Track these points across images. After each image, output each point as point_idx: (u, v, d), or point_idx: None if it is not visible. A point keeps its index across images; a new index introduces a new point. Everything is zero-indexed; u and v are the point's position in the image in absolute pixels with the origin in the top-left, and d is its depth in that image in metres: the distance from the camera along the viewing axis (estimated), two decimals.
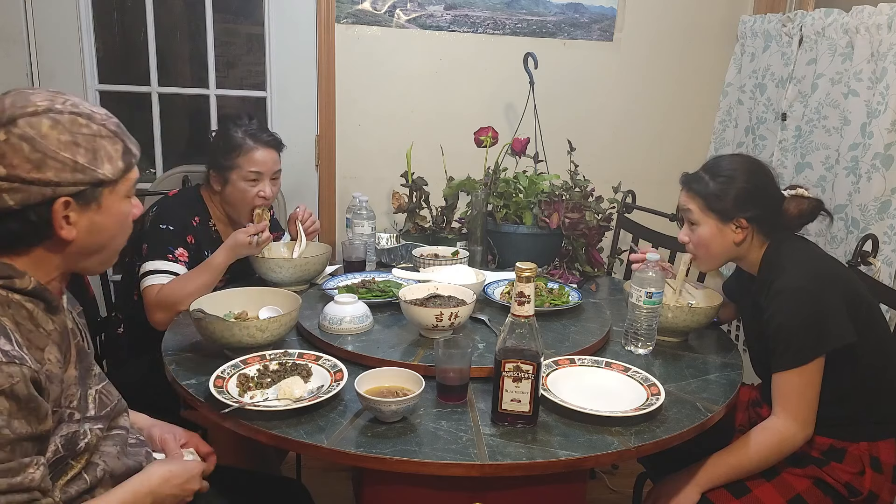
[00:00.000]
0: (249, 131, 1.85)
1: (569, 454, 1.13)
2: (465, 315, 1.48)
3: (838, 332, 1.33)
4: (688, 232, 1.54)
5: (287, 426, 1.17)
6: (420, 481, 1.14)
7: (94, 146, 0.94)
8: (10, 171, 0.88)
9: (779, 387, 1.37)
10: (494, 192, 2.11)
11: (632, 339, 1.55)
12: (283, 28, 2.47)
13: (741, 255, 1.51)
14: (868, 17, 1.97)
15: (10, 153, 0.88)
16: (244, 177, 1.83)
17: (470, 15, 2.51)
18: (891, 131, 1.89)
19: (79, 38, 2.36)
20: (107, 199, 0.97)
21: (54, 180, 0.90)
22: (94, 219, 0.96)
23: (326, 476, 2.40)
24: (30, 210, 0.90)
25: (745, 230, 1.46)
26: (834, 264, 1.48)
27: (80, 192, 0.93)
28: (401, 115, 2.57)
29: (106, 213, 0.97)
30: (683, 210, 1.54)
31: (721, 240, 1.49)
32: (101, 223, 0.97)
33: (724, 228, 1.47)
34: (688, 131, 2.76)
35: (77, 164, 0.92)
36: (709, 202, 1.48)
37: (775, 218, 1.47)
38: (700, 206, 1.49)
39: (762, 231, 1.48)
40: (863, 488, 1.39)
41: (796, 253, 1.44)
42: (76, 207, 0.94)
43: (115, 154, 0.96)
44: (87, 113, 0.95)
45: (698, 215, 1.50)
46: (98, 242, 0.99)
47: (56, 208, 0.91)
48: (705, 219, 1.49)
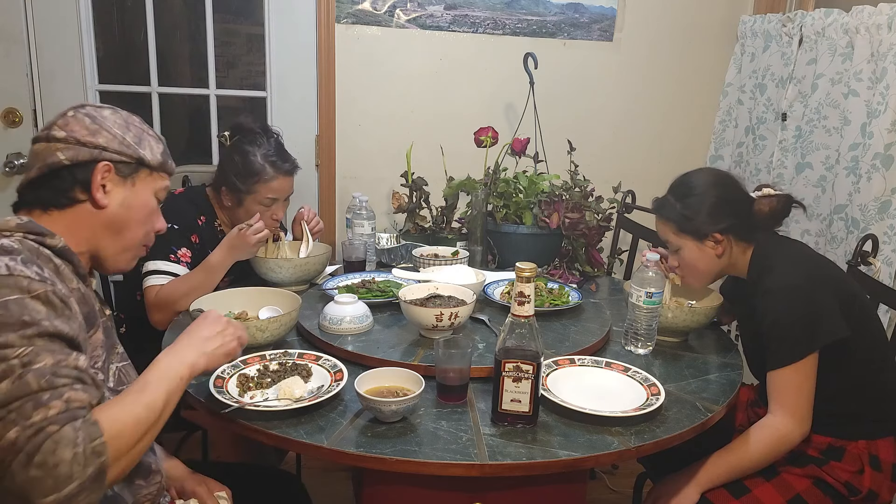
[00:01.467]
0: (269, 157, 1.83)
1: (569, 454, 1.13)
2: (465, 315, 1.48)
3: (831, 327, 1.34)
4: (674, 257, 1.56)
5: (287, 426, 1.17)
6: (420, 481, 1.14)
7: (141, 135, 1.12)
8: (68, 134, 1.05)
9: (774, 384, 1.37)
10: (494, 192, 2.11)
11: (632, 339, 1.55)
12: (283, 28, 2.47)
13: (730, 264, 1.52)
14: (868, 17, 1.97)
15: (72, 122, 1.07)
16: (259, 201, 1.83)
17: (470, 15, 2.51)
18: (891, 131, 1.89)
19: (79, 38, 2.36)
20: (141, 180, 1.12)
21: (102, 144, 1.06)
22: (126, 194, 1.10)
23: (326, 476, 2.40)
24: (76, 168, 1.05)
25: (721, 243, 1.48)
26: (822, 261, 1.48)
27: (121, 162, 1.08)
28: (401, 115, 2.57)
29: (137, 193, 1.11)
30: (662, 238, 1.57)
31: (704, 257, 1.50)
32: (130, 200, 1.10)
33: (703, 246, 1.49)
34: (688, 131, 2.76)
35: (125, 140, 1.09)
36: (680, 225, 1.50)
37: (749, 222, 1.48)
38: (674, 230, 1.52)
39: (741, 238, 1.49)
40: (862, 487, 1.39)
41: (784, 252, 1.45)
42: (114, 177, 1.08)
43: (157, 149, 1.14)
44: (140, 119, 1.15)
45: (675, 240, 1.52)
46: (123, 220, 1.10)
47: (98, 168, 1.05)
48: (682, 241, 1.51)
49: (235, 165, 1.82)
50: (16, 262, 0.90)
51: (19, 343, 0.83)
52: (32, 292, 0.88)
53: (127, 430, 0.87)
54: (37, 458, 0.77)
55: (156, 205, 1.16)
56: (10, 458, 0.77)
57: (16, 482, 0.77)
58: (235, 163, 1.82)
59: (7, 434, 0.78)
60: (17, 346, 0.83)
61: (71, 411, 0.82)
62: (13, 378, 0.81)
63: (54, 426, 0.79)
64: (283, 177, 1.84)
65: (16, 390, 0.80)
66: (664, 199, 1.54)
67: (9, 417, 0.79)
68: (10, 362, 0.82)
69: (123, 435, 0.86)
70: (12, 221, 0.99)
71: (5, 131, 2.38)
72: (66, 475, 0.78)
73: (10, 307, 0.85)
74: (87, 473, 0.80)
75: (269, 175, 1.82)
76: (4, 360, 0.82)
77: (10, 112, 2.37)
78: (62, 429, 0.79)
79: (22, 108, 2.37)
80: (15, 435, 0.78)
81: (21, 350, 0.83)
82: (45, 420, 0.79)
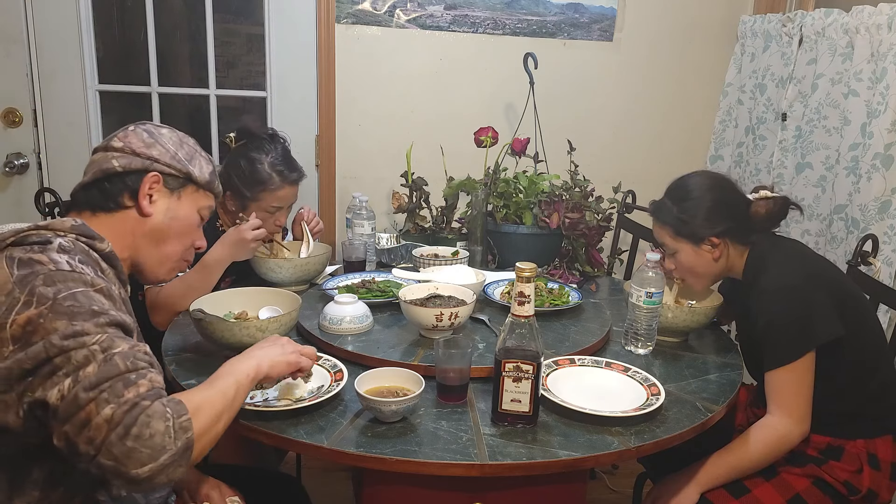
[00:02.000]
0: (277, 166, 1.82)
1: (569, 454, 1.13)
2: (465, 315, 1.48)
3: (826, 326, 1.34)
4: (671, 260, 1.56)
5: (287, 426, 1.17)
6: (420, 481, 1.14)
7: (193, 154, 1.21)
8: (125, 145, 1.14)
9: (772, 385, 1.37)
10: (494, 192, 2.11)
11: (632, 339, 1.55)
12: (283, 28, 2.47)
13: (727, 267, 1.52)
14: (868, 17, 1.97)
15: (131, 135, 1.16)
16: (264, 209, 1.83)
17: (470, 15, 2.51)
18: (891, 131, 1.89)
19: (79, 38, 2.36)
20: (187, 195, 1.20)
21: (155, 157, 1.15)
22: (171, 205, 1.17)
23: (326, 476, 2.40)
24: (128, 175, 1.13)
25: (718, 246, 1.48)
26: (818, 260, 1.48)
27: (170, 175, 1.16)
28: (401, 115, 2.57)
29: (181, 207, 1.19)
30: (659, 242, 1.57)
31: (701, 261, 1.51)
32: (174, 212, 1.18)
33: (699, 250, 1.49)
34: (688, 131, 2.76)
35: (177, 155, 1.18)
36: (676, 229, 1.50)
37: (745, 225, 1.48)
38: (670, 233, 1.52)
39: (738, 241, 1.49)
40: (861, 486, 1.39)
41: (779, 252, 1.45)
42: (162, 189, 1.16)
43: (206, 169, 1.22)
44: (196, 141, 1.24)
45: (672, 243, 1.53)
46: (164, 231, 1.17)
47: (147, 178, 1.13)
48: (679, 245, 1.51)
49: (241, 171, 1.82)
50: (74, 260, 0.96)
51: (94, 330, 0.88)
52: (95, 286, 0.94)
53: (205, 410, 0.93)
54: (133, 431, 0.82)
55: (198, 221, 1.23)
56: (106, 434, 0.82)
57: (113, 454, 0.82)
58: (241, 168, 1.82)
59: (102, 412, 0.82)
60: (94, 334, 0.88)
61: (156, 390, 0.88)
62: (99, 361, 0.86)
63: (147, 401, 0.85)
64: (289, 186, 1.85)
65: (106, 372, 0.85)
66: (661, 203, 1.55)
67: (101, 397, 0.83)
68: (91, 348, 0.86)
69: (203, 415, 0.92)
70: (67, 222, 1.03)
71: (5, 131, 2.38)
72: (160, 446, 0.83)
73: (78, 298, 0.90)
74: (178, 446, 0.85)
75: (275, 184, 1.82)
76: (85, 347, 0.86)
77: (10, 112, 2.37)
78: (153, 404, 0.85)
79: (22, 108, 2.37)
80: (111, 411, 0.82)
81: (98, 336, 0.88)
82: (138, 396, 0.85)
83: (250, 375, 1.06)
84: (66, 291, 0.90)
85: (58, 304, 0.88)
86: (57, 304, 0.88)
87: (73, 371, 0.84)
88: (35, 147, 2.42)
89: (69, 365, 0.85)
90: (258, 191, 1.81)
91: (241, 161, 1.83)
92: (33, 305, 0.87)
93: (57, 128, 2.41)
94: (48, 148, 2.42)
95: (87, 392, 0.83)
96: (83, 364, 0.85)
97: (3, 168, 2.37)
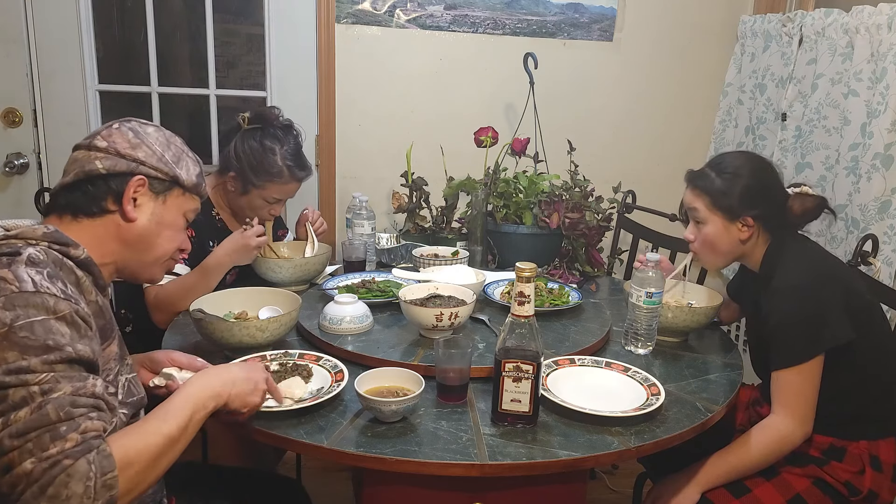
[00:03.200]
0: (288, 160, 1.82)
1: (569, 454, 1.13)
2: (465, 315, 1.48)
3: (836, 330, 1.33)
4: (694, 230, 1.53)
5: (287, 426, 1.17)
6: (420, 481, 1.14)
7: (180, 155, 1.15)
8: (109, 145, 1.08)
9: (778, 385, 1.37)
10: (494, 192, 2.11)
11: (632, 339, 1.55)
12: (283, 28, 2.47)
13: (746, 252, 1.50)
14: (868, 17, 1.97)
15: (115, 135, 1.09)
16: (265, 198, 1.83)
17: (470, 15, 2.51)
18: (891, 131, 1.89)
19: (79, 38, 2.36)
20: (173, 199, 1.14)
21: (141, 158, 1.09)
22: (156, 209, 1.12)
23: (326, 476, 2.40)
24: (112, 178, 1.07)
25: (751, 228, 1.46)
26: (834, 263, 1.47)
27: (156, 178, 1.11)
28: (401, 115, 2.57)
29: (167, 210, 1.13)
30: (690, 208, 1.53)
31: (727, 238, 1.48)
32: (159, 216, 1.12)
33: (731, 227, 1.47)
34: (688, 131, 2.76)
35: (163, 157, 1.12)
36: (715, 200, 1.47)
37: (780, 216, 1.47)
38: (706, 203, 1.48)
39: (767, 229, 1.47)
40: (863, 487, 1.39)
41: (797, 251, 1.44)
42: (147, 192, 1.10)
43: (193, 171, 1.17)
44: (182, 141, 1.18)
45: (704, 213, 1.49)
46: (149, 235, 1.12)
47: (132, 182, 1.08)
48: (712, 217, 1.48)
49: (252, 157, 1.80)
50: (42, 276, 0.91)
51: (41, 369, 0.84)
52: (58, 313, 0.89)
53: (141, 460, 0.88)
54: (49, 491, 0.79)
55: (184, 224, 1.19)
56: (23, 488, 0.79)
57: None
58: (252, 154, 1.80)
59: (23, 464, 0.79)
60: (39, 372, 0.84)
61: (86, 443, 0.83)
62: (33, 407, 0.82)
63: (69, 460, 0.80)
64: (296, 182, 1.85)
65: (35, 421, 0.81)
66: (702, 171, 1.51)
67: (25, 447, 0.80)
68: (31, 388, 0.83)
69: (136, 466, 0.87)
70: (39, 230, 0.99)
71: (5, 131, 2.38)
72: None
73: (35, 329, 0.86)
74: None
75: (284, 178, 1.82)
76: (25, 386, 0.83)
77: (10, 112, 2.37)
78: (76, 462, 0.81)
79: (22, 108, 2.37)
80: (31, 466, 0.79)
81: (42, 377, 0.84)
82: (62, 453, 0.81)
83: (208, 408, 1.02)
84: (24, 319, 0.86)
85: (13, 332, 0.85)
86: (12, 332, 0.85)
87: (6, 411, 0.82)
88: (35, 147, 2.42)
89: (4, 403, 0.82)
90: (265, 179, 1.81)
91: (254, 145, 1.81)
92: None
93: (57, 128, 2.41)
94: (48, 148, 2.42)
95: (13, 439, 0.80)
96: (18, 406, 0.82)
97: (3, 168, 2.37)
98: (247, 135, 1.83)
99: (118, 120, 1.13)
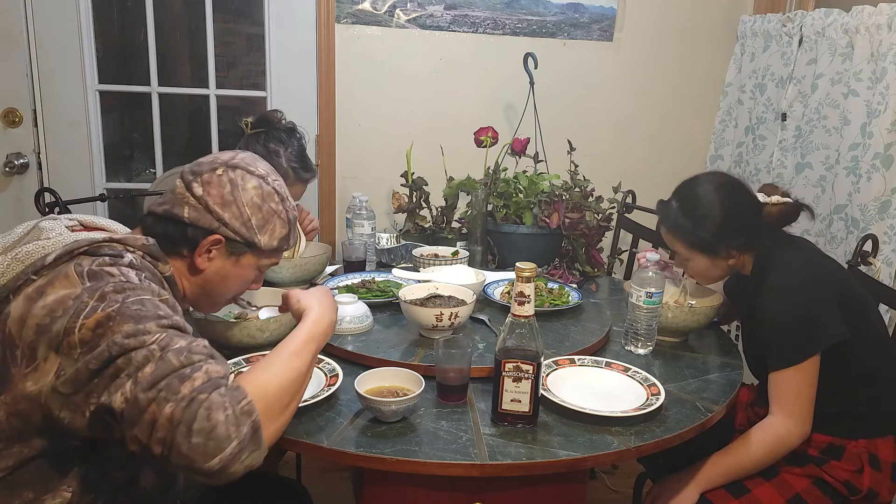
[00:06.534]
0: (293, 163, 1.82)
1: (569, 454, 1.13)
2: (465, 315, 1.48)
3: (831, 329, 1.34)
4: (680, 263, 1.56)
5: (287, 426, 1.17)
6: (420, 481, 1.14)
7: (269, 218, 1.15)
8: (203, 195, 1.10)
9: (775, 386, 1.37)
10: (494, 192, 2.11)
11: (632, 339, 1.55)
12: (283, 28, 2.47)
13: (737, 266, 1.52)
14: (868, 17, 1.97)
15: (214, 184, 1.11)
16: None
17: (470, 15, 2.51)
18: (891, 131, 1.89)
19: (79, 38, 2.36)
20: (246, 259, 1.17)
21: (226, 220, 1.11)
22: (226, 266, 1.15)
23: (326, 476, 2.40)
24: (192, 228, 1.10)
25: (735, 257, 1.48)
26: (827, 262, 1.48)
27: (233, 241, 1.13)
28: (401, 115, 2.57)
29: (237, 269, 1.16)
30: (670, 247, 1.56)
31: (715, 267, 1.51)
32: (228, 273, 1.16)
33: (716, 259, 1.49)
34: (688, 131, 2.76)
35: (249, 221, 1.13)
36: (691, 242, 1.48)
37: (758, 229, 1.47)
38: (684, 246, 1.50)
39: (751, 246, 1.48)
40: (862, 486, 1.39)
41: (788, 252, 1.44)
42: (222, 249, 1.13)
43: (278, 234, 1.17)
44: (284, 196, 1.18)
45: (686, 253, 1.52)
46: (215, 285, 1.17)
47: (208, 239, 1.11)
48: (694, 255, 1.51)
49: None
50: (142, 276, 1.00)
51: (156, 330, 0.90)
52: (162, 296, 0.98)
53: (271, 389, 0.93)
54: (195, 426, 0.82)
55: (254, 277, 1.21)
56: (172, 434, 0.82)
57: (182, 453, 0.82)
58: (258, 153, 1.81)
59: (163, 411, 0.83)
60: (154, 333, 0.89)
61: (213, 380, 0.87)
62: (156, 360, 0.87)
63: (203, 395, 0.85)
64: (301, 184, 1.85)
65: (160, 370, 0.86)
66: (670, 208, 1.50)
67: (160, 396, 0.84)
68: (150, 347, 0.88)
69: (266, 395, 0.92)
70: (140, 240, 1.06)
71: (5, 131, 2.38)
72: (224, 436, 0.83)
73: (145, 303, 0.93)
74: (243, 432, 0.85)
75: (290, 180, 1.82)
76: (145, 346, 0.88)
77: (10, 112, 2.37)
78: (210, 395, 0.85)
79: (22, 108, 2.37)
80: (170, 410, 0.83)
81: (158, 336, 0.89)
82: (194, 391, 0.85)
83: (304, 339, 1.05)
84: (135, 297, 0.93)
85: (125, 307, 0.90)
86: (125, 307, 0.90)
87: (133, 372, 0.86)
88: (35, 147, 2.42)
89: (130, 366, 0.86)
90: None
91: (259, 150, 1.81)
92: (101, 309, 0.90)
93: (57, 128, 2.41)
94: (48, 148, 2.42)
95: (146, 392, 0.84)
96: (142, 364, 0.86)
97: (3, 168, 2.37)
98: (251, 139, 1.84)
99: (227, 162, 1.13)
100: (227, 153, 1.17)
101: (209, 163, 1.13)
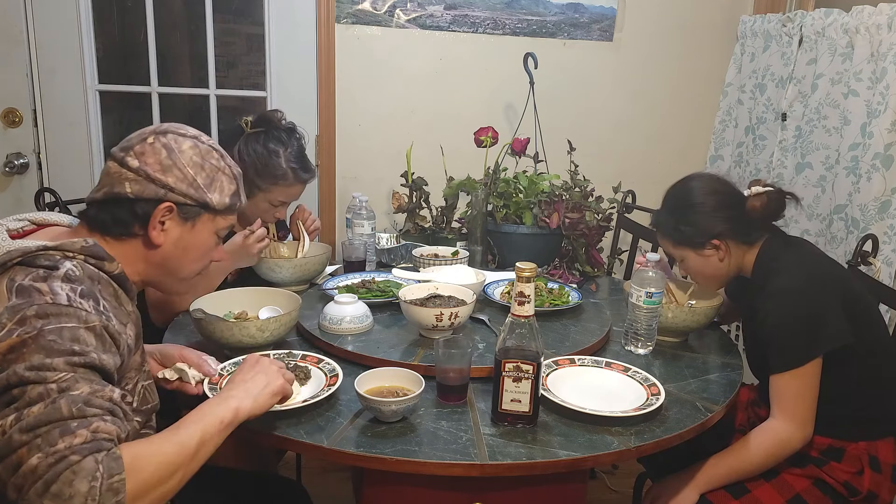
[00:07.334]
0: (292, 163, 1.82)
1: (569, 454, 1.13)
2: (465, 315, 1.48)
3: (834, 333, 1.33)
4: (681, 267, 1.59)
5: (287, 426, 1.17)
6: (420, 481, 1.14)
7: (214, 175, 1.10)
8: (140, 166, 1.04)
9: (776, 389, 1.36)
10: (494, 192, 2.11)
11: (632, 339, 1.55)
12: (283, 28, 2.47)
13: (736, 266, 1.52)
14: (868, 17, 1.97)
15: (149, 152, 1.05)
16: (270, 201, 1.83)
17: (470, 15, 2.51)
18: (891, 131, 1.89)
19: (79, 38, 2.36)
20: (202, 223, 1.11)
21: (171, 185, 1.05)
22: (183, 234, 1.10)
23: (326, 476, 2.40)
24: (139, 202, 1.04)
25: (720, 248, 1.48)
26: (828, 264, 1.47)
27: (184, 205, 1.07)
28: (401, 115, 2.57)
29: (195, 235, 1.11)
30: (666, 252, 1.61)
31: (707, 264, 1.52)
32: (186, 241, 1.10)
33: (702, 253, 1.50)
34: (688, 131, 2.76)
35: (195, 181, 1.07)
36: (675, 239, 1.53)
37: (744, 222, 1.48)
38: (671, 244, 1.55)
39: (739, 239, 1.48)
40: (862, 487, 1.39)
41: (789, 254, 1.44)
42: (175, 217, 1.07)
43: (227, 191, 1.12)
44: (221, 152, 1.13)
45: (676, 252, 1.55)
46: (177, 258, 1.11)
47: (158, 209, 1.05)
48: (682, 252, 1.54)
49: (255, 161, 1.80)
50: (76, 293, 0.92)
51: (63, 368, 0.84)
52: (88, 324, 0.90)
53: (151, 467, 0.85)
54: (53, 488, 0.76)
55: (214, 243, 1.16)
56: (28, 485, 0.77)
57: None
58: (256, 158, 1.80)
59: (30, 460, 0.77)
60: (60, 371, 0.84)
61: (96, 442, 0.81)
62: (47, 402, 0.81)
63: (76, 456, 0.78)
64: (300, 184, 1.85)
65: (46, 415, 0.80)
66: (658, 214, 1.57)
67: (34, 443, 0.78)
68: (49, 385, 0.82)
69: (146, 473, 0.84)
70: (78, 244, 0.99)
71: (5, 131, 2.38)
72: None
73: (63, 334, 0.87)
74: None
75: (289, 180, 1.82)
76: (44, 383, 0.82)
77: (10, 112, 2.37)
78: (84, 459, 0.78)
79: (22, 108, 2.37)
80: (37, 461, 0.77)
81: (62, 375, 0.83)
82: (69, 449, 0.78)
83: (226, 421, 0.97)
84: (55, 324, 0.87)
85: (41, 335, 0.85)
86: (41, 335, 0.85)
87: (22, 407, 0.81)
88: (35, 147, 2.42)
89: (21, 400, 0.81)
90: (270, 183, 1.81)
91: (258, 149, 1.81)
92: (17, 334, 0.85)
93: (57, 128, 2.41)
94: (48, 148, 2.43)
95: (22, 434, 0.78)
96: (33, 402, 0.81)
97: (3, 168, 2.37)
98: (250, 139, 1.83)
99: (156, 130, 1.08)
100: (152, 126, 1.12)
101: (137, 136, 1.08)
